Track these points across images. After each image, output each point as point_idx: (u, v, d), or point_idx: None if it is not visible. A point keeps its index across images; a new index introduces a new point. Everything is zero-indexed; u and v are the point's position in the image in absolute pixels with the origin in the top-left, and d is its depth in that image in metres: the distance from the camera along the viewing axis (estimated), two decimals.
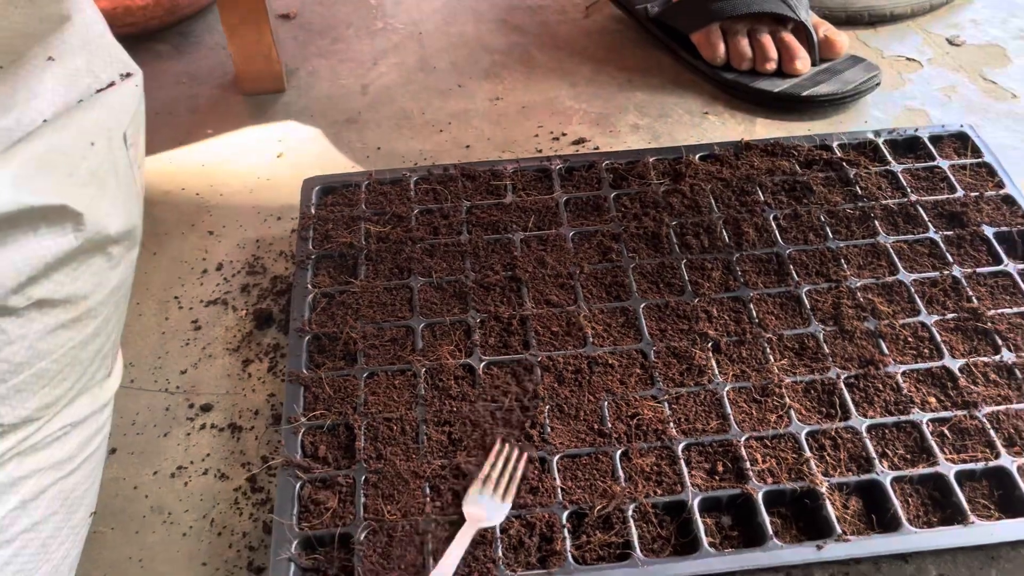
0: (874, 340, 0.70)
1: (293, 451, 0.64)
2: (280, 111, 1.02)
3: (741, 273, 0.76)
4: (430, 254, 0.78)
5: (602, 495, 0.62)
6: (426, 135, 0.98)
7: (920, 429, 0.65)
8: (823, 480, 0.62)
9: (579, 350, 0.70)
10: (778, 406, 0.66)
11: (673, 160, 0.86)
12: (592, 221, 0.80)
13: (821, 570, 0.63)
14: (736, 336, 0.71)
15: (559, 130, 0.98)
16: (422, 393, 0.68)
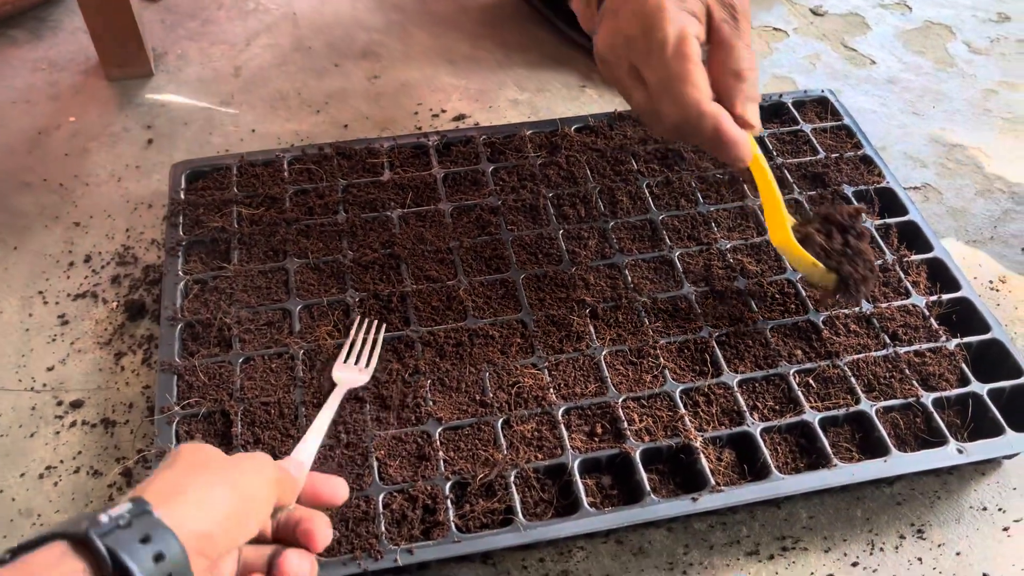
0: (743, 299, 0.73)
1: (167, 441, 0.63)
2: (148, 96, 0.98)
3: (616, 240, 0.77)
4: (306, 235, 0.76)
5: (484, 463, 0.62)
6: (302, 116, 0.96)
7: (787, 381, 0.68)
8: (697, 435, 0.64)
9: (459, 323, 0.70)
10: (653, 367, 0.68)
11: (549, 133, 0.86)
12: (470, 195, 0.81)
13: (700, 521, 0.65)
14: (612, 302, 0.72)
15: (439, 107, 0.98)
16: (300, 375, 0.67)
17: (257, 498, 0.45)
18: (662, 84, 0.60)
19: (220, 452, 0.46)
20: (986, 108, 1.00)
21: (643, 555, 0.63)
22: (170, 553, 0.38)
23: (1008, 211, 0.89)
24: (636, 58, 0.61)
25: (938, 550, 0.64)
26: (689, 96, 0.59)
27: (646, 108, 0.62)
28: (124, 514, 0.38)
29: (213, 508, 0.41)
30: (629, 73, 0.62)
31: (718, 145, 0.60)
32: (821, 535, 0.65)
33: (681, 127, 0.61)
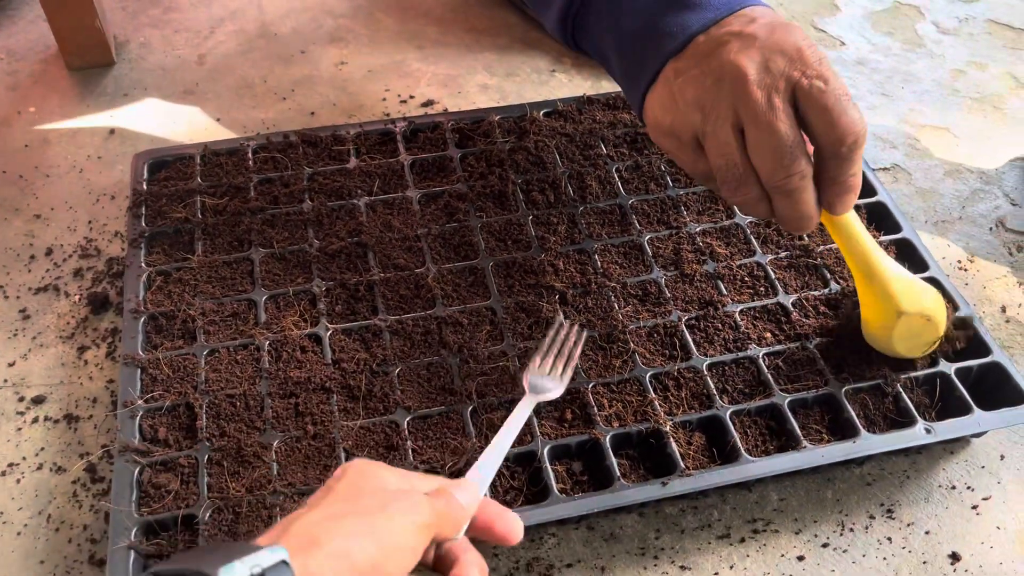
0: (713, 282, 0.73)
1: (130, 435, 0.62)
2: (110, 85, 0.97)
3: (585, 225, 0.77)
4: (271, 224, 0.75)
5: (453, 452, 0.62)
6: (268, 104, 0.95)
7: (757, 364, 0.68)
8: (667, 419, 0.64)
9: (428, 311, 0.70)
10: (623, 352, 0.68)
11: (518, 118, 0.86)
12: (438, 182, 0.80)
13: (671, 505, 0.65)
14: (582, 287, 0.72)
15: (407, 93, 0.97)
16: (266, 366, 0.66)
17: (403, 548, 0.41)
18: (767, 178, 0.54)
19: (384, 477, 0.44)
20: (955, 88, 1.01)
21: (614, 540, 0.63)
22: None
23: (976, 191, 0.89)
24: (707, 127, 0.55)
25: (907, 529, 0.64)
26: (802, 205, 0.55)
27: (709, 175, 0.58)
28: (260, 563, 0.36)
29: (351, 561, 0.39)
30: (692, 145, 0.57)
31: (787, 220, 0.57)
32: (792, 517, 0.65)
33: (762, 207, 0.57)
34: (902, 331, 0.64)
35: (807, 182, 0.54)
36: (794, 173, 0.53)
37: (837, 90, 0.52)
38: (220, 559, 0.36)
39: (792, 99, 0.53)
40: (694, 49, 0.56)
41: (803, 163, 0.54)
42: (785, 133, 0.52)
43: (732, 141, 0.54)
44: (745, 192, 0.56)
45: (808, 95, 0.52)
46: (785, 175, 0.53)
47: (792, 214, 0.56)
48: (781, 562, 0.62)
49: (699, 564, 0.62)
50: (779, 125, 0.52)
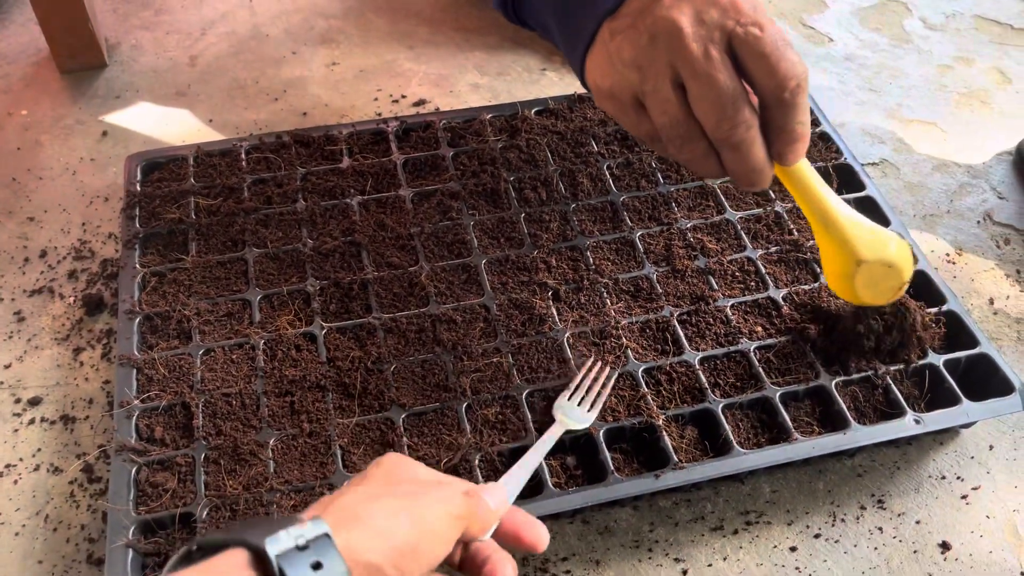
0: (704, 277, 0.73)
1: (127, 435, 0.62)
2: (102, 88, 0.97)
3: (578, 222, 0.77)
4: (264, 224, 0.76)
5: (448, 448, 0.62)
6: (260, 105, 0.95)
7: (748, 357, 0.68)
8: (660, 413, 0.64)
9: (422, 309, 0.70)
10: (616, 347, 0.68)
11: (509, 116, 0.86)
12: (431, 181, 0.80)
13: (664, 498, 0.66)
14: (574, 283, 0.72)
15: (399, 92, 0.97)
16: (261, 365, 0.66)
17: (437, 534, 0.42)
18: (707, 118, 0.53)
19: (417, 470, 0.45)
20: (942, 84, 1.02)
21: (609, 534, 0.64)
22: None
23: (964, 185, 0.90)
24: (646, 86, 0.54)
25: (898, 519, 0.65)
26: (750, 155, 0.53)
27: (655, 136, 0.57)
28: (304, 535, 0.37)
29: (390, 540, 0.40)
30: (633, 106, 0.56)
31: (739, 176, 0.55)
32: (784, 508, 0.65)
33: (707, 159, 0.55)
34: (864, 279, 0.60)
35: (753, 132, 0.52)
36: (739, 123, 0.52)
37: (773, 36, 0.51)
38: (264, 531, 0.37)
39: (729, 49, 0.52)
40: (628, 8, 0.55)
41: (747, 112, 0.52)
42: (725, 83, 0.51)
43: (672, 97, 0.53)
44: (692, 149, 0.54)
45: (744, 43, 0.51)
46: (730, 126, 0.52)
47: (742, 167, 0.54)
48: (774, 553, 0.63)
49: (693, 556, 0.63)
50: (718, 75, 0.51)
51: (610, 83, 0.56)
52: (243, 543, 0.37)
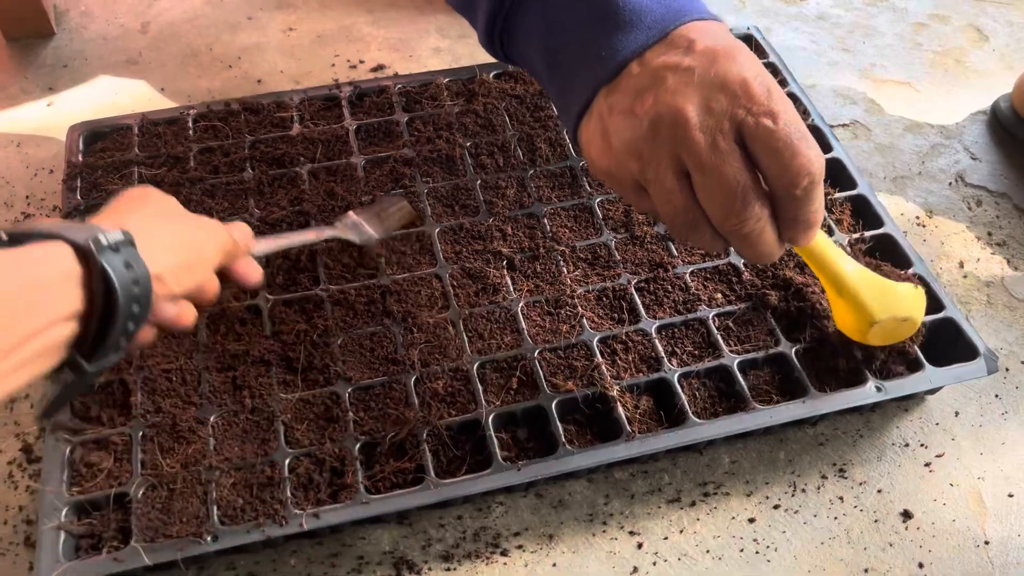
0: (663, 243, 0.71)
1: (62, 414, 0.60)
2: (50, 56, 0.94)
3: (535, 189, 0.75)
4: (210, 194, 0.73)
5: (395, 423, 0.60)
6: (215, 72, 0.92)
7: (707, 325, 0.66)
8: (613, 384, 0.62)
9: (372, 280, 0.68)
10: (571, 316, 0.66)
11: (467, 80, 0.83)
12: (384, 147, 0.78)
13: (620, 470, 0.64)
14: (530, 252, 0.70)
15: (357, 58, 0.94)
16: (203, 340, 0.64)
17: (207, 259, 0.51)
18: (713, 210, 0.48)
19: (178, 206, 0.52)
20: (917, 42, 0.99)
21: (563, 507, 0.62)
22: (143, 282, 0.43)
23: (936, 146, 0.88)
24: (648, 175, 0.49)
25: (859, 488, 0.64)
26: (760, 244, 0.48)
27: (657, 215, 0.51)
28: (119, 238, 0.42)
29: (173, 256, 0.47)
30: (634, 189, 0.50)
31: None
32: (743, 479, 0.64)
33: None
34: (877, 332, 0.61)
35: (763, 224, 0.48)
36: (748, 218, 0.47)
37: (788, 127, 0.46)
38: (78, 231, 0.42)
39: (740, 139, 0.46)
40: (627, 80, 0.48)
41: (757, 207, 0.47)
42: (734, 178, 0.46)
43: (676, 188, 0.48)
44: (698, 236, 0.49)
45: (755, 136, 0.46)
46: (738, 221, 0.47)
47: (751, 255, 0.50)
48: (732, 524, 0.62)
49: (649, 529, 0.61)
50: (727, 170, 0.46)
51: (607, 164, 0.50)
52: (62, 237, 0.41)
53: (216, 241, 0.52)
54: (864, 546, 0.61)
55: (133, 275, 0.43)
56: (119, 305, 0.42)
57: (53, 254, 0.41)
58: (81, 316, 0.42)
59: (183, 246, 0.48)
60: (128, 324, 0.43)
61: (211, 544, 0.54)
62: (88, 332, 0.42)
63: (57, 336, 0.41)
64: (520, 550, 0.60)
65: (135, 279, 0.43)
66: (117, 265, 0.42)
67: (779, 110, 0.46)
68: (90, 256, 0.41)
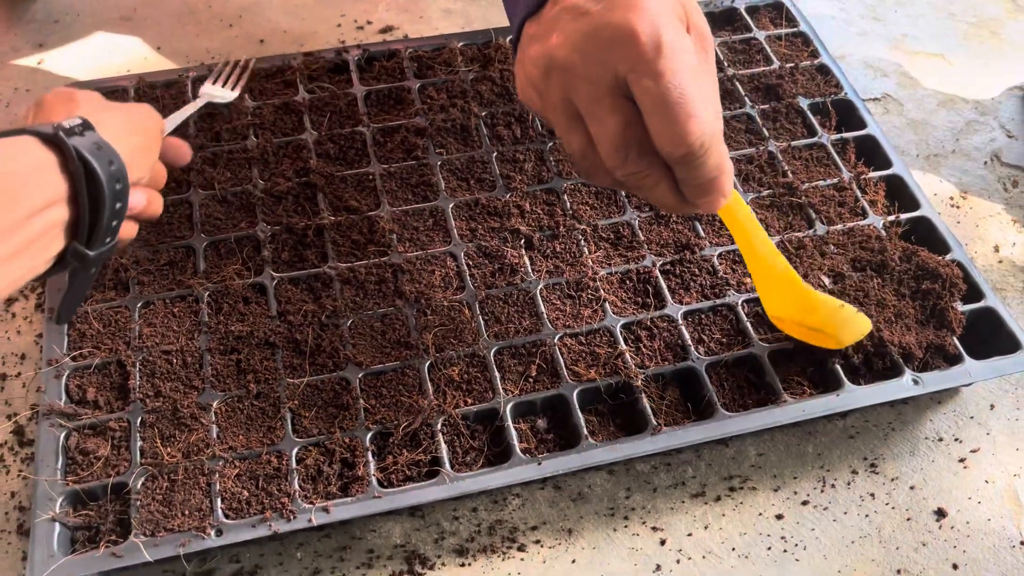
0: (690, 223, 0.68)
1: (56, 397, 0.57)
2: (40, 11, 0.89)
3: (555, 163, 0.71)
4: (211, 163, 0.69)
5: (408, 411, 0.57)
6: (213, 31, 0.88)
7: (736, 311, 0.63)
8: (638, 373, 0.59)
9: (382, 259, 0.64)
10: (592, 300, 0.63)
11: (482, 45, 0.79)
12: (395, 116, 0.74)
13: (643, 463, 0.61)
14: (549, 230, 0.67)
15: (364, 19, 0.90)
16: (205, 320, 0.61)
17: (154, 138, 0.52)
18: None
19: (100, 95, 0.52)
20: (951, 12, 0.94)
21: (583, 500, 0.59)
22: (116, 161, 0.45)
23: (971, 122, 0.84)
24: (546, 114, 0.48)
25: (891, 484, 0.61)
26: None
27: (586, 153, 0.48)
28: (77, 125, 0.44)
29: (128, 139, 0.48)
30: (565, 110, 0.47)
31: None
32: (771, 473, 0.61)
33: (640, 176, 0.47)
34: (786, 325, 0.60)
35: (652, 179, 0.46)
36: (635, 172, 0.45)
37: (669, 90, 0.42)
38: (46, 124, 0.43)
39: (627, 92, 0.44)
40: (544, 16, 0.47)
41: (643, 163, 0.45)
42: (613, 131, 0.44)
43: (571, 131, 0.47)
44: (599, 180, 0.49)
45: (636, 95, 0.43)
46: (624, 173, 0.46)
47: (658, 203, 0.48)
48: (759, 521, 0.59)
49: (672, 525, 0.58)
50: (607, 123, 0.44)
51: (520, 95, 0.50)
52: (27, 131, 0.43)
53: (155, 121, 0.53)
54: (896, 545, 0.58)
55: (106, 155, 0.44)
56: (103, 183, 0.43)
57: (23, 145, 0.42)
58: (69, 199, 0.43)
59: (132, 129, 0.49)
60: (115, 204, 0.45)
61: (215, 539, 0.51)
62: (81, 215, 0.44)
63: (51, 219, 0.42)
64: (538, 545, 0.57)
65: (109, 159, 0.44)
66: (88, 146, 0.43)
67: (663, 69, 0.42)
68: (61, 142, 0.42)
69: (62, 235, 0.44)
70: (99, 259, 0.47)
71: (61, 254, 0.45)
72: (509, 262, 0.65)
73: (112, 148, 0.45)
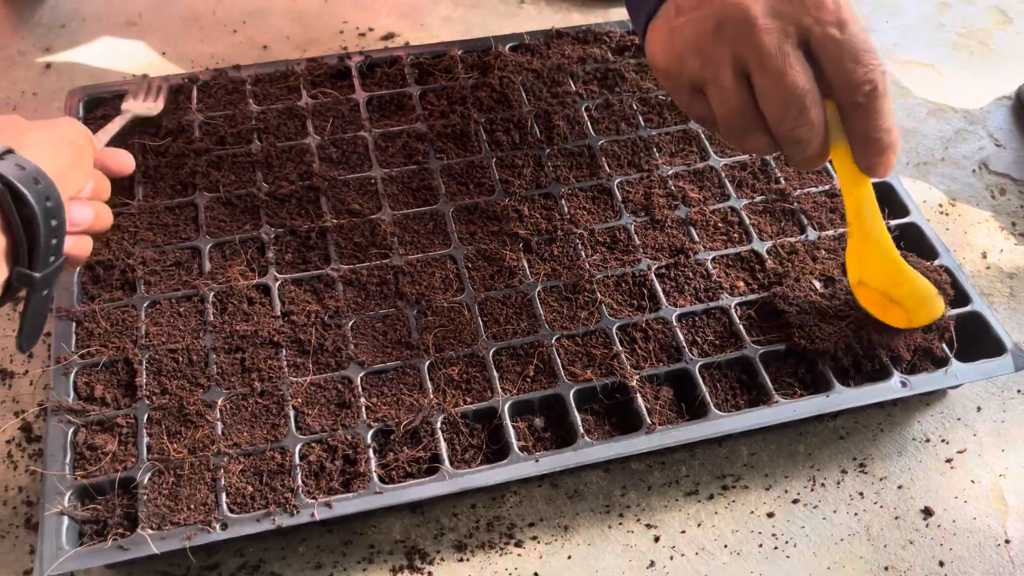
0: (685, 228, 0.69)
1: (64, 394, 0.58)
2: (47, 16, 0.90)
3: (552, 168, 0.72)
4: (216, 167, 0.71)
5: (409, 409, 0.59)
6: (217, 36, 0.89)
7: (729, 314, 0.65)
8: (633, 373, 0.61)
9: (384, 260, 0.66)
10: (589, 302, 0.64)
11: (482, 52, 0.81)
12: (396, 121, 0.75)
13: (638, 461, 0.63)
14: (547, 234, 0.68)
15: (366, 25, 0.91)
16: (211, 319, 0.62)
17: (84, 150, 0.51)
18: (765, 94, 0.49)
19: (20, 117, 0.50)
20: (941, 23, 0.96)
21: (579, 498, 0.61)
22: (43, 179, 0.44)
23: (960, 131, 0.86)
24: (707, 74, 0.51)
25: (880, 484, 0.62)
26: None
27: (708, 118, 0.54)
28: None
29: (55, 156, 0.47)
30: (690, 90, 0.52)
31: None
32: (762, 472, 0.63)
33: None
34: (865, 296, 0.61)
35: (816, 131, 0.50)
36: (803, 124, 0.49)
37: (854, 37, 0.48)
38: None
39: (804, 45, 0.48)
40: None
41: (813, 113, 0.49)
42: (795, 82, 0.48)
43: (736, 88, 0.50)
44: (752, 140, 0.52)
45: (821, 44, 0.48)
46: (793, 125, 0.49)
47: (799, 159, 0.52)
48: (750, 519, 0.60)
49: (666, 522, 0.60)
50: (790, 73, 0.48)
51: (668, 63, 0.53)
52: None
53: (82, 133, 0.52)
54: (884, 543, 0.60)
55: (30, 174, 0.43)
56: (31, 203, 0.43)
57: None
58: (3, 227, 0.43)
59: (57, 146, 0.48)
60: (51, 222, 0.45)
61: (220, 533, 0.52)
62: (17, 240, 0.44)
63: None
64: (535, 541, 0.59)
65: (34, 178, 0.44)
66: (10, 170, 0.43)
67: (847, 18, 0.48)
68: None
69: (2, 262, 0.44)
70: (48, 280, 0.46)
71: (7, 280, 0.45)
72: (507, 265, 0.66)
73: (36, 167, 0.44)
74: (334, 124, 0.74)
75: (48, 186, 0.45)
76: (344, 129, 0.74)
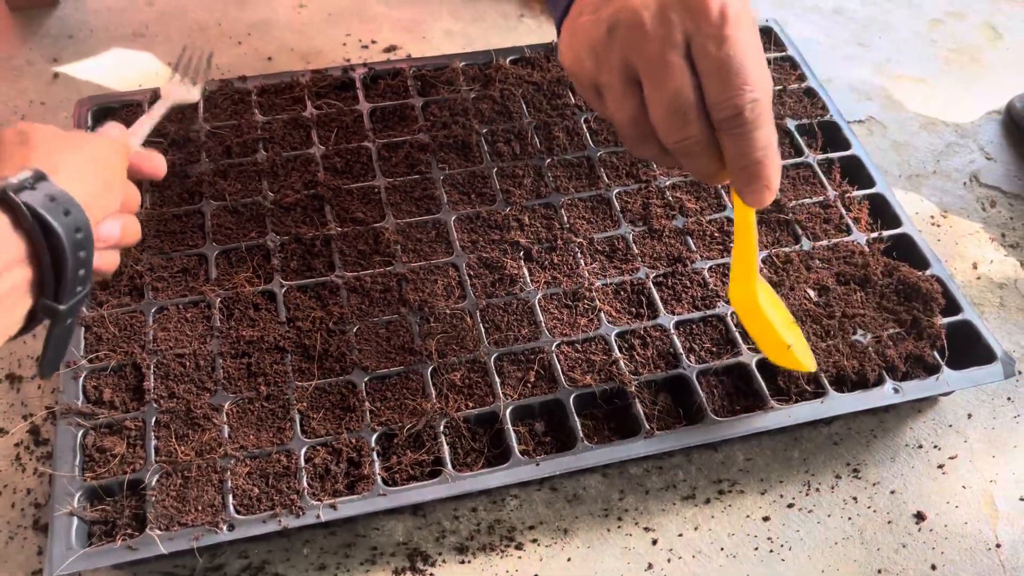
0: (682, 238, 0.71)
1: (73, 397, 0.59)
2: (54, 27, 0.92)
3: (552, 178, 0.74)
4: (223, 175, 0.72)
5: (412, 413, 0.60)
6: (223, 48, 0.91)
7: (725, 322, 0.66)
8: (632, 379, 0.62)
9: (387, 268, 0.67)
10: (588, 309, 0.66)
11: (483, 65, 0.82)
12: (399, 132, 0.76)
13: (635, 466, 0.64)
14: (547, 243, 0.70)
15: (368, 38, 0.93)
16: (217, 325, 0.63)
17: (116, 170, 0.49)
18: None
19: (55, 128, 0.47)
20: (932, 39, 0.98)
21: (578, 502, 0.62)
22: (75, 210, 0.42)
23: (951, 144, 0.87)
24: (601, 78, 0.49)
25: (873, 489, 0.64)
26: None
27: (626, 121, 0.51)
28: (28, 178, 0.41)
29: (88, 180, 0.45)
30: (592, 91, 0.51)
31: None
32: (758, 477, 0.64)
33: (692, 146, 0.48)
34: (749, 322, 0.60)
35: (702, 146, 0.48)
36: (686, 137, 0.47)
37: (728, 58, 0.45)
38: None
39: (689, 56, 0.46)
40: None
41: (695, 127, 0.47)
42: (676, 92, 0.46)
43: (627, 95, 0.48)
44: (645, 149, 0.50)
45: (696, 57, 0.46)
46: (678, 138, 0.47)
47: (694, 173, 0.50)
48: (746, 523, 0.62)
49: (663, 525, 0.61)
50: (670, 83, 0.46)
51: (571, 63, 0.52)
52: None
53: (115, 150, 0.50)
54: (877, 547, 0.61)
55: (61, 206, 0.42)
56: (60, 236, 0.41)
57: None
58: (29, 257, 0.41)
59: (92, 168, 0.46)
60: (79, 253, 0.43)
61: (227, 533, 0.53)
62: (44, 271, 0.42)
63: (12, 281, 0.40)
64: (535, 544, 0.60)
65: (65, 209, 0.42)
66: (41, 201, 0.41)
67: (727, 35, 0.45)
68: (10, 201, 0.40)
69: (28, 294, 0.42)
70: (73, 311, 0.44)
71: (32, 311, 0.43)
72: (509, 273, 0.67)
73: (68, 196, 0.42)
74: (338, 134, 0.75)
75: (78, 216, 0.42)
76: (348, 139, 0.75)
